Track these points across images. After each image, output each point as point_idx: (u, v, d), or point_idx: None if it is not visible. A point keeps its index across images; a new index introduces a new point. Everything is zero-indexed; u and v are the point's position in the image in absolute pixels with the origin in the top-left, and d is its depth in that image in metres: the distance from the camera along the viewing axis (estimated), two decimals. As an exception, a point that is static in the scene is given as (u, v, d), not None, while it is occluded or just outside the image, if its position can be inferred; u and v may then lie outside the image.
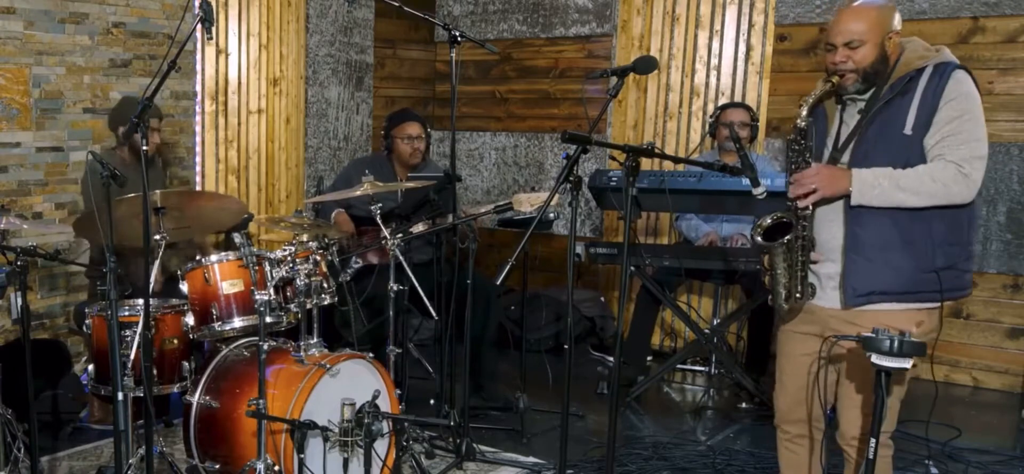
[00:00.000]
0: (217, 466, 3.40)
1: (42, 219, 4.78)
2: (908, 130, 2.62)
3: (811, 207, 2.72)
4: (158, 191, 3.38)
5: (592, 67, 6.29)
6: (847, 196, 2.68)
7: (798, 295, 2.79)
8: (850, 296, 2.72)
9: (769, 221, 2.77)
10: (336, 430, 3.17)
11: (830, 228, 2.75)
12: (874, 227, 2.67)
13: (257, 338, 3.24)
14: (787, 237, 2.74)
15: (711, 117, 5.27)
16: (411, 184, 4.32)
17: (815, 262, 2.79)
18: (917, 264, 2.66)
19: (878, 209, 2.65)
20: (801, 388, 2.97)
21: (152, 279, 3.06)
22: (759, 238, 2.78)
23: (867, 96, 2.72)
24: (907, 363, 2.40)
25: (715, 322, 5.24)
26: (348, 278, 4.04)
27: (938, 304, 2.71)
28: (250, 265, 3.40)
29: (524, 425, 4.29)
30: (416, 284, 4.00)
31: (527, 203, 4.07)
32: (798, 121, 2.70)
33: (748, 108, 5.20)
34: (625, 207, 2.78)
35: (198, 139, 5.58)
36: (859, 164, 2.69)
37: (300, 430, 2.99)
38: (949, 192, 2.59)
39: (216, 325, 3.41)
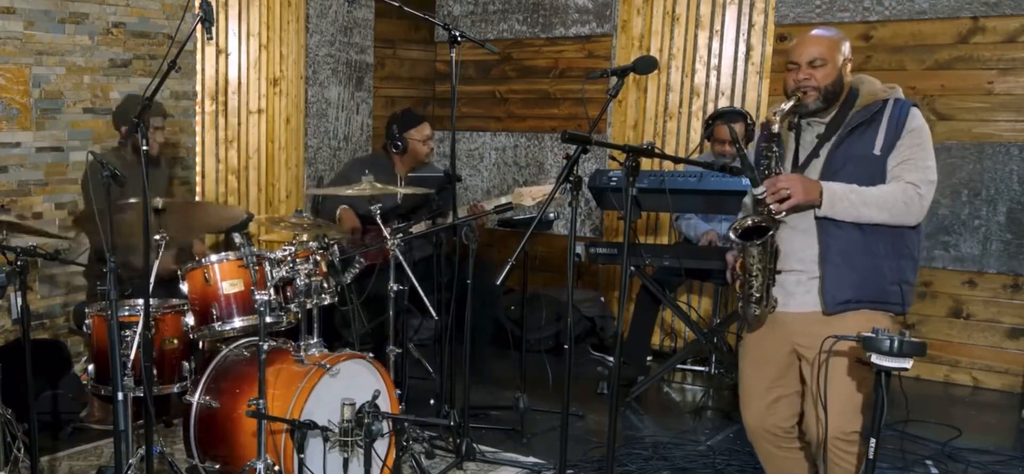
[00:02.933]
0: (217, 466, 3.40)
1: (42, 219, 4.77)
2: (877, 151, 2.84)
3: (785, 213, 2.81)
4: (160, 199, 3.39)
5: (592, 67, 6.29)
6: (814, 208, 2.81)
7: (764, 305, 2.89)
8: (830, 304, 2.86)
9: (749, 222, 2.85)
10: (336, 430, 3.17)
11: (804, 238, 2.89)
12: (845, 239, 2.83)
13: (257, 338, 3.24)
14: (767, 236, 2.80)
15: (705, 126, 5.20)
16: (410, 189, 4.31)
17: (779, 272, 2.89)
18: (884, 275, 2.85)
19: (849, 223, 2.82)
20: (772, 402, 3.01)
21: (152, 279, 3.06)
22: (734, 237, 2.85)
23: (826, 120, 2.90)
24: (907, 363, 2.43)
25: (715, 322, 5.24)
26: (350, 279, 4.04)
27: (897, 314, 2.91)
28: (250, 265, 3.40)
29: (524, 425, 4.29)
30: (416, 284, 4.00)
31: (528, 196, 4.07)
32: (773, 127, 2.84)
33: (742, 115, 5.01)
34: (625, 207, 2.81)
35: (198, 139, 5.57)
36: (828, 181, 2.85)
37: (300, 430, 2.99)
38: (907, 211, 2.80)
39: (216, 325, 3.41)
